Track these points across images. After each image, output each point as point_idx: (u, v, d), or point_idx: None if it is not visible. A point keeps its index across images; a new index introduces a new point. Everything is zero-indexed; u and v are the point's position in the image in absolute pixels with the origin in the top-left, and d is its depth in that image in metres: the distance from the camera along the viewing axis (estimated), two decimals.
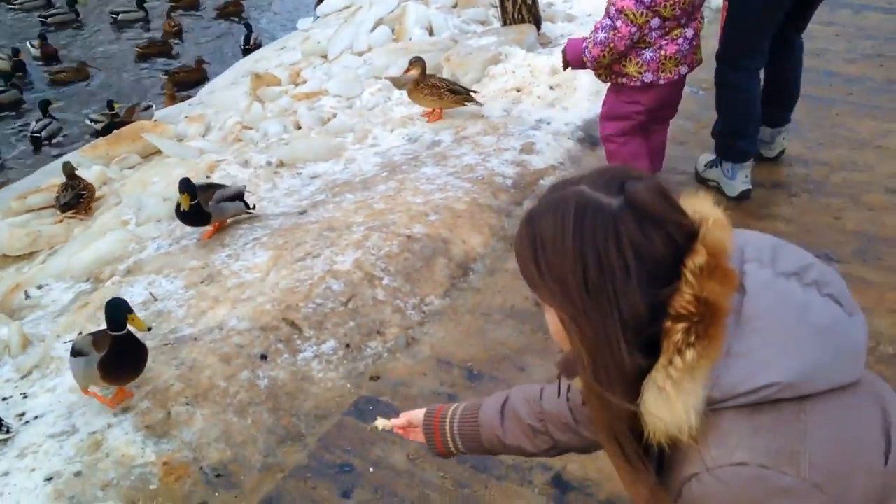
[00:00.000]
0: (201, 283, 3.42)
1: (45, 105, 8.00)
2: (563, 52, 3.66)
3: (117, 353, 2.65)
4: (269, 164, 4.50)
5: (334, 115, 4.98)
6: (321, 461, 2.64)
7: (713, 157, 3.92)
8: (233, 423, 2.72)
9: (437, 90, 4.58)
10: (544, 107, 4.72)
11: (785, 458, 1.03)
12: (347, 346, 3.07)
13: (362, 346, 3.09)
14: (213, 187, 3.78)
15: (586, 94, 4.69)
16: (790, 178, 4.04)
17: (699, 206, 1.15)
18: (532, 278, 1.15)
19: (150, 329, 2.86)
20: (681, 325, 1.04)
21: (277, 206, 4.13)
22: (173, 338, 3.09)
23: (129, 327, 2.68)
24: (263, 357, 2.96)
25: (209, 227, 3.81)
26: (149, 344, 3.09)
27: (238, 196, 3.84)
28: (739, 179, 3.76)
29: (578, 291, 1.08)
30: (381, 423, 1.88)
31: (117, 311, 2.65)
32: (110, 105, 7.77)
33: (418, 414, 1.81)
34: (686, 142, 4.39)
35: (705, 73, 3.98)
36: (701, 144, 4.28)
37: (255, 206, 3.98)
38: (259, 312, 3.11)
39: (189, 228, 3.85)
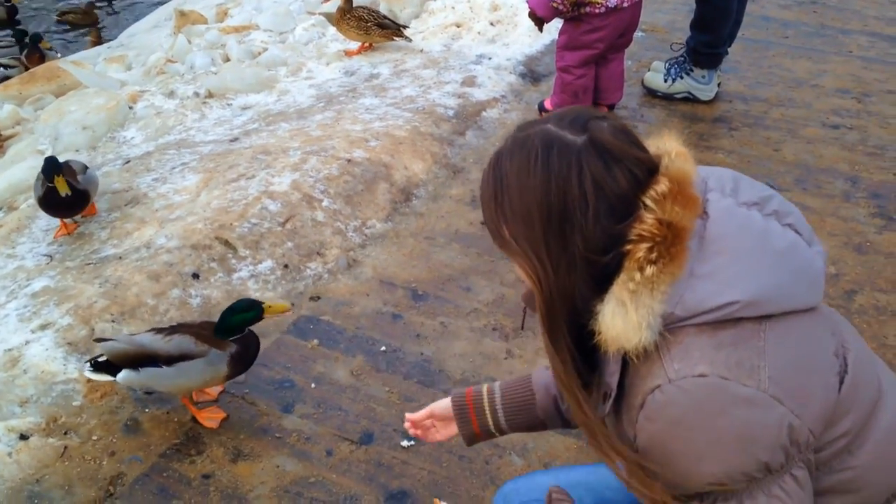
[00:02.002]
0: (125, 205, 3.20)
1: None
2: (531, 14, 3.58)
3: (248, 347, 2.28)
4: (196, 94, 4.26)
5: (265, 50, 4.75)
6: (260, 378, 2.50)
7: (662, 72, 4.10)
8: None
9: (363, 23, 4.40)
10: (485, 43, 4.61)
11: (745, 371, 1.05)
12: (286, 266, 2.92)
13: (301, 267, 2.95)
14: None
15: (527, 31, 4.60)
16: (730, 113, 4.04)
17: (663, 142, 1.20)
18: (494, 220, 1.17)
19: (292, 305, 2.32)
20: (644, 245, 1.07)
21: (206, 135, 3.91)
22: (95, 258, 2.89)
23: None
24: (195, 276, 2.79)
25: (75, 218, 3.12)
26: (69, 265, 2.89)
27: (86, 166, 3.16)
28: (714, 82, 4.06)
29: (541, 225, 1.10)
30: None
31: (254, 309, 2.24)
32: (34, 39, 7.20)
33: (440, 404, 1.61)
34: (626, 79, 4.34)
35: (644, 15, 3.95)
36: (641, 83, 4.26)
37: None
38: (190, 231, 2.93)
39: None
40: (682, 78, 4.03)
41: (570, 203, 1.08)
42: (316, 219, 3.11)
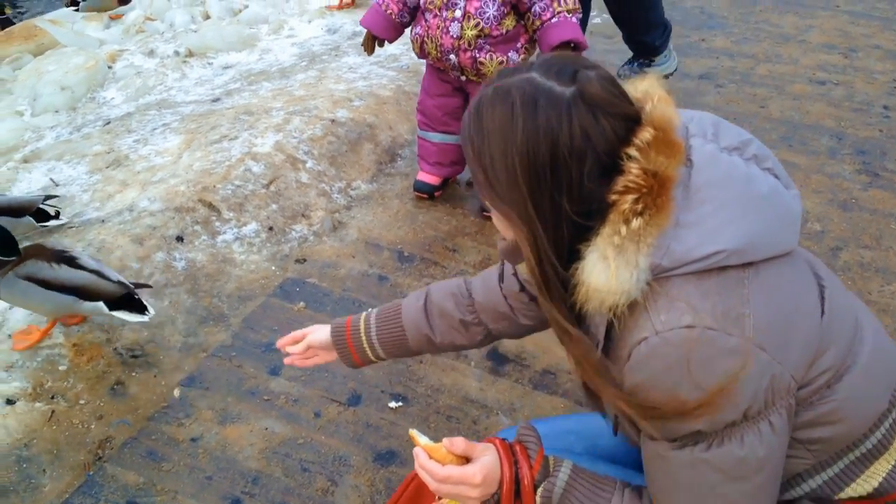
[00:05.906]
0: (107, 167, 3.16)
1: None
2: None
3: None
4: (176, 53, 4.19)
5: (246, 7, 4.68)
6: (246, 341, 2.50)
7: (631, 66, 3.77)
8: (149, 304, 2.53)
9: None
10: None
11: (731, 320, 1.04)
12: (270, 228, 2.90)
13: (286, 229, 2.93)
14: None
15: None
16: (716, 70, 4.01)
17: (644, 85, 1.14)
18: (476, 174, 1.13)
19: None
20: (629, 196, 1.04)
21: (188, 95, 3.86)
22: (78, 221, 2.85)
23: None
24: (179, 238, 2.77)
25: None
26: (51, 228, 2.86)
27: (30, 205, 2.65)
28: (672, 53, 3.78)
29: (526, 181, 1.06)
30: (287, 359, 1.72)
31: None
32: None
33: (318, 336, 1.68)
34: (613, 35, 4.31)
35: None
36: None
37: (58, 213, 2.76)
38: (173, 194, 2.90)
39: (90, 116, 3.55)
40: (647, 66, 3.76)
41: (559, 158, 1.04)
42: (300, 180, 3.08)
